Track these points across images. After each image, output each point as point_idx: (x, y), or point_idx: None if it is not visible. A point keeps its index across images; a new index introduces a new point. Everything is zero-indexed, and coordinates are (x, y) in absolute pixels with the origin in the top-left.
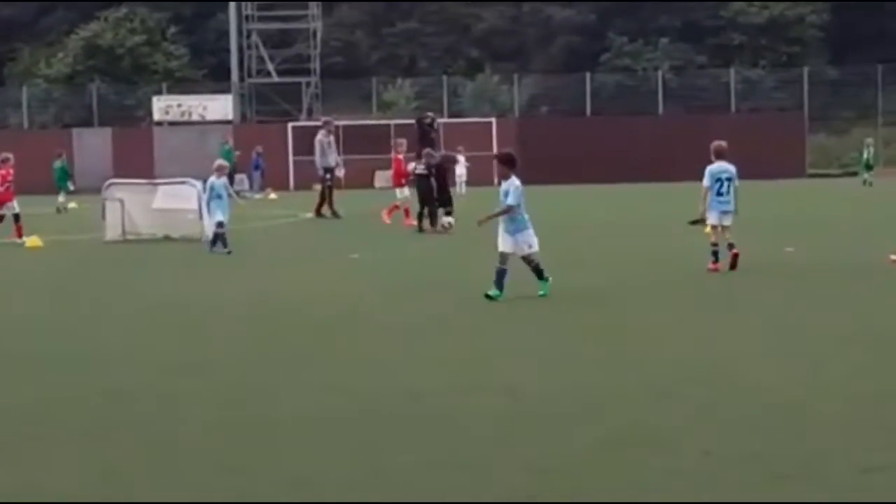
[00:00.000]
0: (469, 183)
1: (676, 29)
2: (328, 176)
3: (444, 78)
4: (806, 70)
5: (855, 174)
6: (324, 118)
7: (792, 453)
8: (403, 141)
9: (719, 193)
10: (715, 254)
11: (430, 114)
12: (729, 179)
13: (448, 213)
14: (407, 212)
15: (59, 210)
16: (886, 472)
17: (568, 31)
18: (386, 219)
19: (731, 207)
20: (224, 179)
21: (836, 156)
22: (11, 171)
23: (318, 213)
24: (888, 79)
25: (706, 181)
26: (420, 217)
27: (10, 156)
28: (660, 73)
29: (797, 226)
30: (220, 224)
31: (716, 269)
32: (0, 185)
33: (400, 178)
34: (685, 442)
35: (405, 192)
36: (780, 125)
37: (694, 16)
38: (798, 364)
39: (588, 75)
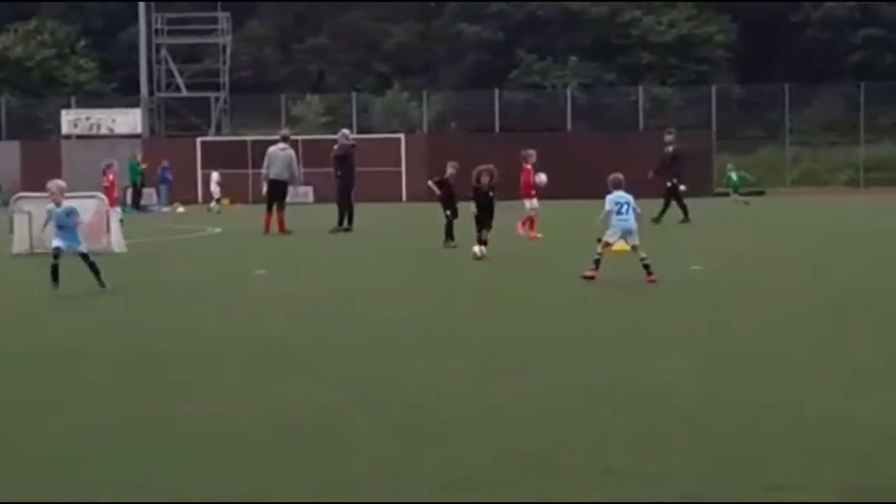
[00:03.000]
0: (381, 199)
1: (585, 47)
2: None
3: (354, 94)
4: (714, 89)
5: (762, 192)
6: (283, 132)
7: (696, 472)
8: (533, 152)
9: (619, 213)
10: (596, 262)
11: (350, 135)
12: (627, 204)
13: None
14: (532, 223)
15: None
16: (788, 490)
17: (477, 48)
18: (521, 230)
19: (633, 226)
20: (67, 205)
21: None
22: (111, 176)
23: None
24: (796, 98)
25: (607, 206)
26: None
27: (114, 161)
28: (568, 90)
29: (705, 244)
30: (55, 253)
31: (592, 278)
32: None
33: (529, 189)
34: (586, 460)
35: (534, 203)
36: (688, 144)
37: (603, 34)
38: (698, 379)
39: (497, 92)
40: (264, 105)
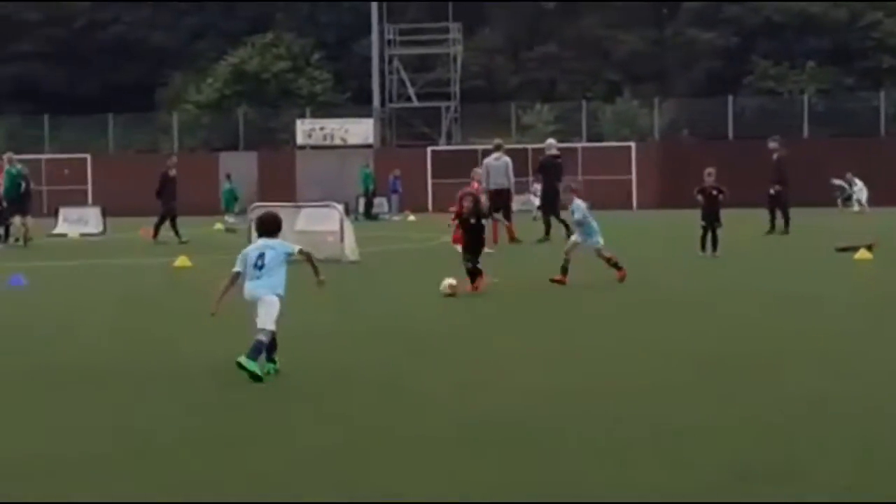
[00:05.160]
0: (611, 207)
1: (823, 52)
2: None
3: (584, 102)
4: None
5: None
6: (496, 142)
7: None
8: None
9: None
10: None
11: (555, 145)
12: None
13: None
14: None
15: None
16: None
17: (710, 54)
18: None
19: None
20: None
21: None
22: (476, 185)
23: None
24: None
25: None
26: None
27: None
28: (805, 96)
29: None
30: None
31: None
32: None
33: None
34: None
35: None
36: None
37: (842, 38)
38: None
39: (731, 98)
40: (494, 114)
